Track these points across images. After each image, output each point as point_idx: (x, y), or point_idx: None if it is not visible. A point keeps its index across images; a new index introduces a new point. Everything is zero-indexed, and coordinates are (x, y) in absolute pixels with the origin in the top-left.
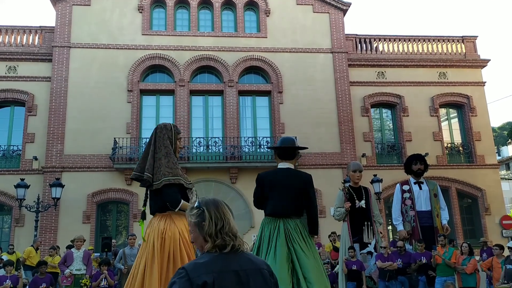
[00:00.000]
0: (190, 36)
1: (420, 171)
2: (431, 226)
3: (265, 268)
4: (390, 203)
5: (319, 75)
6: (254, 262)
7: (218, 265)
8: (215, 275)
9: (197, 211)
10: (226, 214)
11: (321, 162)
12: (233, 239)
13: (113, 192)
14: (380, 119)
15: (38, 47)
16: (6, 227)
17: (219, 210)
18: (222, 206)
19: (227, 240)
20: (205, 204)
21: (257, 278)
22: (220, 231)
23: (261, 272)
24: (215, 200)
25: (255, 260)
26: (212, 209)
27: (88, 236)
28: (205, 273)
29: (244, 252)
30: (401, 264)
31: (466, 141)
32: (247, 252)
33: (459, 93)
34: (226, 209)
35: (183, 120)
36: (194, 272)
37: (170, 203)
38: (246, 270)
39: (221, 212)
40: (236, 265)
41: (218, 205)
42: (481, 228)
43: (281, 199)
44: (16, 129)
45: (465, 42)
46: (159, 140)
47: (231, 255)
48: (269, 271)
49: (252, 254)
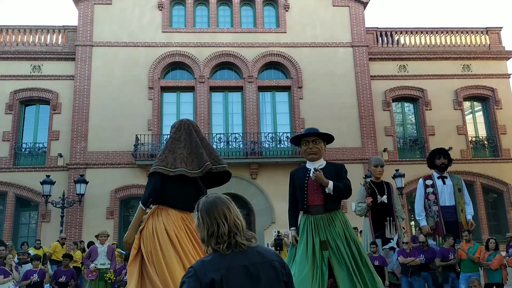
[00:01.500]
0: (209, 33)
1: (443, 166)
2: (455, 221)
3: (276, 259)
4: (412, 198)
5: (339, 69)
6: (264, 255)
7: (226, 262)
8: (222, 271)
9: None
10: (218, 217)
11: (342, 157)
12: (231, 239)
13: (136, 188)
14: (402, 113)
15: (62, 46)
16: (33, 223)
17: (210, 215)
18: (215, 208)
19: (221, 242)
20: (199, 208)
21: (268, 271)
22: (211, 236)
23: (272, 264)
24: (209, 202)
25: (265, 253)
26: (203, 214)
27: (111, 231)
28: (212, 271)
29: (254, 247)
30: (423, 259)
31: (491, 134)
32: (257, 246)
33: (483, 85)
34: (222, 209)
35: (203, 116)
36: (201, 271)
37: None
38: (256, 264)
39: (212, 216)
40: (244, 260)
41: (210, 208)
42: (507, 223)
43: None
44: (42, 127)
45: (489, 34)
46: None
47: (238, 252)
48: (280, 263)
49: (262, 246)
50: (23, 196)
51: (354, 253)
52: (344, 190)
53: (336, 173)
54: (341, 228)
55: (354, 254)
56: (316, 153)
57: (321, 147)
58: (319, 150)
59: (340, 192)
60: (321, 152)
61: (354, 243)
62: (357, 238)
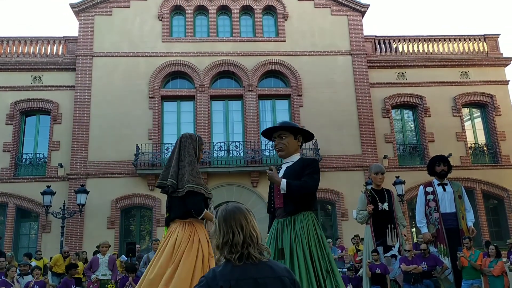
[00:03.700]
0: (209, 42)
1: (443, 173)
2: (456, 228)
3: (287, 275)
4: (413, 205)
5: (338, 77)
6: (274, 270)
7: (237, 273)
8: (232, 282)
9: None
10: (234, 226)
11: (343, 164)
12: (244, 250)
13: (136, 198)
14: (402, 120)
15: (62, 56)
16: (33, 234)
17: (228, 223)
18: (233, 217)
19: (234, 252)
20: (217, 216)
21: (277, 286)
22: (226, 244)
23: (282, 279)
24: (228, 210)
25: (276, 268)
26: (221, 221)
27: (112, 241)
28: (222, 281)
29: (266, 260)
30: (425, 267)
31: (490, 141)
32: (269, 260)
33: (482, 92)
34: (240, 219)
35: (203, 125)
36: (213, 280)
37: (195, 211)
38: (266, 278)
39: (229, 224)
40: (255, 272)
41: (228, 216)
42: (508, 230)
43: None
44: (42, 137)
45: (487, 41)
46: (183, 148)
47: (249, 264)
48: (290, 279)
49: (274, 261)
50: (24, 207)
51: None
52: (297, 188)
53: (301, 169)
54: (301, 233)
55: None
56: (283, 149)
57: (287, 142)
58: (286, 146)
59: (292, 191)
60: (288, 147)
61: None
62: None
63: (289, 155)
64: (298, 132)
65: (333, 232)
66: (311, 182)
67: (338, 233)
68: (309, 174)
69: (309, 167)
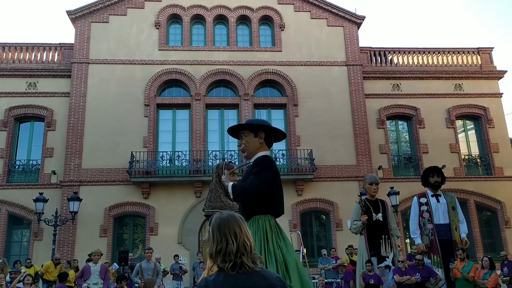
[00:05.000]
0: (206, 51)
1: (437, 184)
2: (449, 239)
3: (279, 284)
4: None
5: (334, 88)
6: (267, 279)
7: (229, 282)
8: None
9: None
10: (228, 234)
11: (337, 174)
12: (237, 259)
13: (130, 206)
14: (396, 131)
15: (58, 63)
16: (25, 241)
17: (221, 231)
18: (227, 225)
19: (227, 261)
20: (211, 223)
21: None
22: (219, 252)
23: None
24: (222, 218)
25: (269, 277)
26: (215, 229)
27: (105, 249)
28: None
29: (259, 270)
30: (419, 278)
31: (483, 153)
32: (263, 269)
33: (475, 104)
34: (234, 227)
35: (199, 133)
36: None
37: None
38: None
39: (222, 232)
40: (248, 281)
41: (222, 225)
42: (501, 242)
43: None
44: (36, 144)
45: (481, 54)
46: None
47: (242, 273)
48: (282, 287)
49: (267, 270)
50: (16, 214)
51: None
52: (239, 191)
53: (252, 169)
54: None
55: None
56: (244, 149)
57: (247, 141)
58: (246, 145)
59: (236, 194)
60: (248, 147)
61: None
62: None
63: (252, 154)
64: (258, 129)
65: (328, 242)
66: (254, 182)
67: (332, 243)
68: (255, 173)
69: (257, 166)
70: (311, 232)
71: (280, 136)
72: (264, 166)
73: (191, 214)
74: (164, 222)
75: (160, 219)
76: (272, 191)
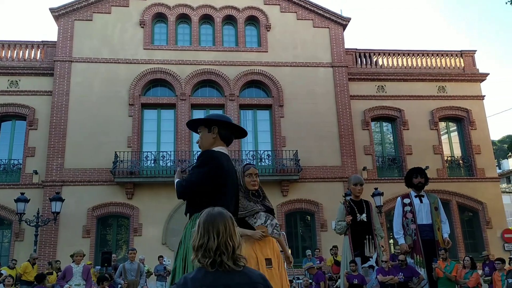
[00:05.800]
0: (191, 51)
1: (420, 184)
2: (432, 239)
3: (261, 282)
4: (391, 217)
5: (319, 89)
6: (249, 277)
7: (208, 279)
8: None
9: None
10: (211, 231)
11: (322, 175)
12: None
13: (114, 206)
14: (381, 133)
15: (40, 61)
16: (6, 242)
17: (205, 226)
18: (213, 221)
19: (206, 257)
20: (200, 217)
21: None
22: (200, 247)
23: (256, 286)
24: (210, 213)
25: (251, 275)
26: (200, 223)
27: (88, 250)
28: (193, 287)
29: (240, 269)
30: (402, 278)
31: (466, 154)
32: (245, 267)
33: (458, 106)
34: (218, 224)
35: (184, 134)
36: (184, 287)
37: None
38: (239, 284)
39: (206, 228)
40: (228, 279)
41: (208, 220)
42: (483, 242)
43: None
44: (17, 143)
45: (464, 57)
46: None
47: (222, 271)
48: (265, 285)
49: (250, 268)
50: None
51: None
52: (177, 187)
53: None
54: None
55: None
56: (200, 146)
57: (201, 137)
58: (200, 141)
59: (177, 191)
60: (202, 142)
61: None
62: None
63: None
64: (211, 124)
65: (312, 243)
66: (188, 177)
67: (317, 244)
68: (192, 169)
69: (197, 161)
70: (296, 233)
71: (240, 132)
72: (201, 161)
73: (176, 215)
74: (148, 222)
75: (144, 219)
76: (211, 187)
